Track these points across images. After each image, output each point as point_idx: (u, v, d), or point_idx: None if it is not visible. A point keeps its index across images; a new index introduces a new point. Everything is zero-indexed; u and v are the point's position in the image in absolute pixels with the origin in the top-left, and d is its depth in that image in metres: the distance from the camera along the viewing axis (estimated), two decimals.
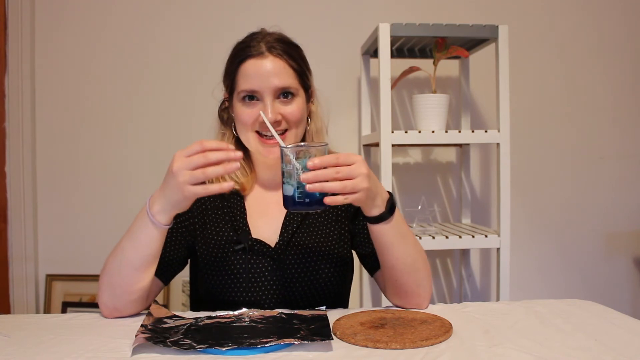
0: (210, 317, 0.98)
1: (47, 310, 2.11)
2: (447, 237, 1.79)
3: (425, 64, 1.96)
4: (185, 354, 0.80)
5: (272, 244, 1.12)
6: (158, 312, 0.98)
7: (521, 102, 2.22)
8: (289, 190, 0.90)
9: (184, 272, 1.19)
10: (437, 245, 1.79)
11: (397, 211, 1.01)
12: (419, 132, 1.80)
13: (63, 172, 2.16)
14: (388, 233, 1.00)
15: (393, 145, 1.78)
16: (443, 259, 2.28)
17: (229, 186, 0.90)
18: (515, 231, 2.06)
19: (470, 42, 1.94)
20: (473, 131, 1.81)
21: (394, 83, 1.89)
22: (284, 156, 0.90)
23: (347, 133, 2.23)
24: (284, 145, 0.93)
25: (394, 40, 1.89)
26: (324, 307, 1.02)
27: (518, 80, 2.18)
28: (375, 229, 1.00)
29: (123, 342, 0.86)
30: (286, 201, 0.92)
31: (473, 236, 1.80)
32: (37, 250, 2.16)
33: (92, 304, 2.08)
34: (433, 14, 2.14)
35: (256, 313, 0.99)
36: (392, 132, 1.76)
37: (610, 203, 2.33)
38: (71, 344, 0.86)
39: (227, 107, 1.18)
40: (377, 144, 1.84)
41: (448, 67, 2.19)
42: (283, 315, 0.98)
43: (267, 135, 1.09)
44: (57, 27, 2.15)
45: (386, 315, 0.99)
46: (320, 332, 0.86)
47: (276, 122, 1.08)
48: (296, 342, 0.82)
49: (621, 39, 2.32)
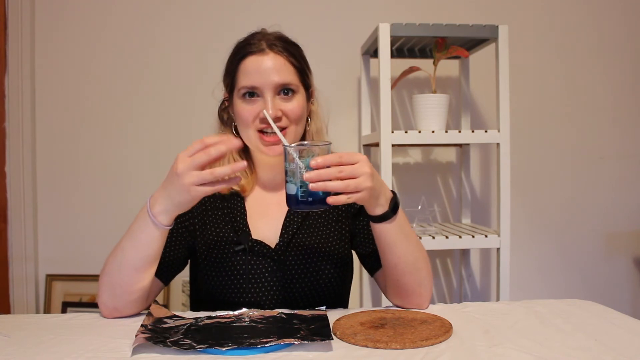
0: (210, 317, 0.98)
1: (47, 310, 2.11)
2: (447, 237, 1.79)
3: (425, 64, 1.96)
4: (185, 354, 0.80)
5: (273, 245, 1.12)
6: (158, 312, 0.98)
7: (521, 102, 2.22)
8: (292, 189, 0.90)
9: (184, 272, 1.19)
10: (437, 245, 1.79)
11: (401, 210, 1.01)
12: (419, 132, 1.80)
13: (63, 172, 2.16)
14: (391, 232, 1.00)
15: (393, 145, 1.78)
16: (443, 259, 2.28)
17: (237, 181, 0.91)
18: (515, 231, 2.06)
19: (470, 42, 1.94)
20: (473, 131, 1.81)
21: (394, 83, 1.89)
22: (288, 155, 0.90)
23: (347, 133, 2.23)
24: (288, 144, 0.92)
25: (394, 40, 1.89)
26: (324, 307, 1.02)
27: (518, 80, 2.18)
28: (378, 228, 1.00)
29: (123, 342, 0.86)
30: (289, 200, 0.91)
31: (473, 236, 1.80)
32: (37, 250, 2.16)
33: (92, 304, 2.08)
34: (433, 14, 2.14)
35: (256, 313, 0.99)
36: (392, 132, 1.76)
37: (610, 203, 2.33)
38: (71, 344, 0.86)
39: (227, 107, 1.18)
40: (377, 144, 1.84)
41: (448, 67, 2.19)
42: (283, 315, 0.98)
43: (268, 132, 1.08)
44: (57, 27, 2.15)
45: (386, 315, 0.99)
46: (320, 332, 0.86)
47: (276, 119, 1.07)
48: (296, 342, 0.82)
49: (621, 39, 2.32)
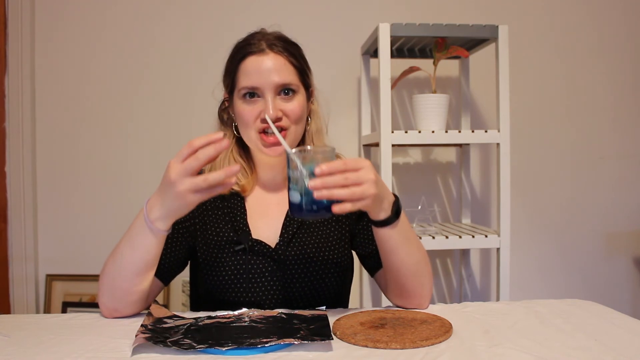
0: (210, 317, 0.98)
1: (47, 310, 2.11)
2: (447, 237, 1.79)
3: (425, 64, 1.96)
4: (185, 354, 0.80)
5: (273, 245, 1.12)
6: (158, 312, 0.98)
7: (521, 102, 2.22)
8: (296, 197, 0.87)
9: (184, 272, 1.19)
10: (437, 245, 1.79)
11: (403, 214, 1.00)
12: (419, 132, 1.80)
13: (63, 172, 2.16)
14: (393, 236, 0.99)
15: (393, 145, 1.78)
16: (443, 259, 2.28)
17: (232, 183, 0.89)
18: (515, 231, 2.06)
19: (470, 42, 1.94)
20: (473, 131, 1.81)
21: (394, 83, 1.89)
22: (291, 162, 0.88)
23: (347, 133, 2.23)
24: (291, 150, 0.90)
25: (394, 40, 1.89)
26: (324, 307, 1.02)
27: (518, 80, 2.18)
28: (380, 233, 0.99)
29: (123, 342, 0.86)
30: (292, 208, 0.89)
31: (473, 236, 1.80)
32: (37, 250, 2.16)
33: (92, 304, 2.08)
34: (433, 14, 2.14)
35: (256, 313, 0.99)
36: (392, 132, 1.76)
37: (610, 203, 2.33)
38: (71, 344, 0.86)
39: (227, 107, 1.18)
40: (377, 144, 1.84)
41: (448, 67, 2.19)
42: (283, 315, 0.98)
43: (269, 132, 1.08)
44: (57, 27, 2.15)
45: (386, 315, 0.99)
46: (320, 332, 0.86)
47: (277, 119, 1.07)
48: (296, 342, 0.82)
49: (621, 39, 2.32)
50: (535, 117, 2.29)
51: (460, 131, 1.81)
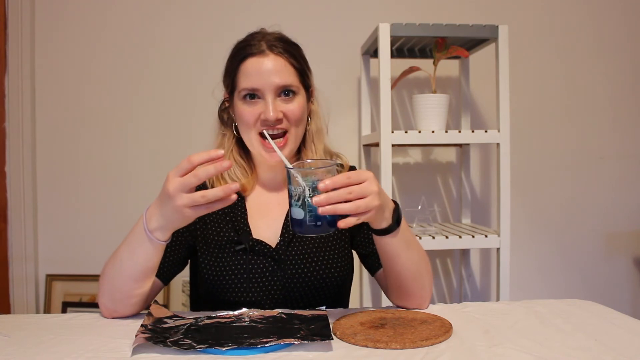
0: (210, 317, 0.98)
1: (47, 310, 2.11)
2: (447, 237, 1.79)
3: (425, 64, 1.96)
4: (185, 354, 0.80)
5: (273, 245, 1.12)
6: (158, 312, 0.98)
7: (521, 102, 2.22)
8: (299, 213, 0.85)
9: (184, 272, 1.19)
10: (437, 245, 1.79)
11: (403, 220, 1.00)
12: (419, 132, 1.80)
13: (63, 172, 2.16)
14: (394, 243, 0.99)
15: (393, 145, 1.78)
16: (443, 259, 2.28)
17: (233, 200, 0.88)
18: (515, 231, 2.06)
19: (470, 42, 1.94)
20: (473, 131, 1.81)
21: (394, 83, 1.89)
22: (292, 178, 0.85)
23: (347, 133, 2.23)
24: (291, 166, 0.88)
25: (394, 40, 1.89)
26: (324, 307, 1.02)
27: (518, 80, 2.18)
28: (382, 241, 0.99)
29: (123, 342, 0.86)
30: (295, 225, 0.87)
31: (473, 236, 1.80)
32: (37, 250, 2.16)
33: (92, 304, 2.08)
34: (433, 14, 2.14)
35: (256, 313, 0.99)
36: (392, 132, 1.76)
37: (610, 203, 2.33)
38: (71, 344, 0.86)
39: (227, 108, 1.18)
40: (377, 144, 1.84)
41: (448, 67, 2.19)
42: (283, 315, 0.98)
43: (268, 132, 1.08)
44: (57, 27, 2.15)
45: (386, 315, 0.99)
46: (320, 332, 0.86)
47: (277, 120, 1.07)
48: (296, 342, 0.82)
49: (621, 39, 2.32)
50: (535, 117, 2.29)
51: (460, 131, 1.81)
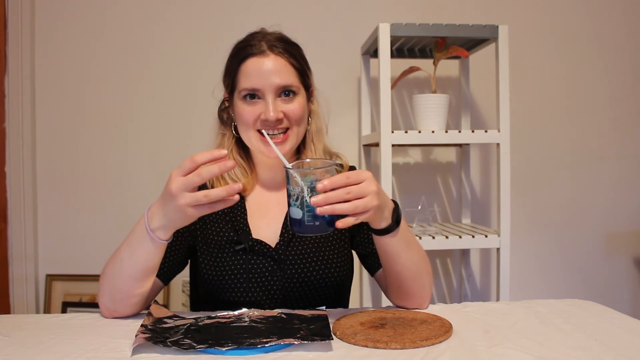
0: (210, 317, 0.98)
1: (47, 310, 2.11)
2: (447, 237, 1.79)
3: (425, 64, 1.96)
4: (185, 354, 0.80)
5: (273, 244, 1.12)
6: (158, 312, 0.98)
7: (521, 102, 2.22)
8: (297, 213, 0.86)
9: (184, 272, 1.19)
10: (437, 245, 1.79)
11: (403, 220, 1.00)
12: (419, 132, 1.80)
13: (63, 172, 2.16)
14: (394, 243, 0.99)
15: (393, 145, 1.78)
16: (443, 259, 2.28)
17: (235, 200, 0.88)
18: (515, 231, 2.06)
19: (470, 42, 1.94)
20: (473, 131, 1.81)
21: (394, 83, 1.89)
22: (290, 178, 0.86)
23: (347, 133, 2.23)
24: (290, 165, 0.88)
25: (394, 40, 1.89)
26: (324, 307, 1.02)
27: (518, 80, 2.18)
28: (381, 241, 0.99)
29: (123, 342, 0.86)
30: (293, 224, 0.88)
31: (473, 236, 1.80)
32: (37, 250, 2.16)
33: (92, 304, 2.08)
34: (433, 14, 2.14)
35: (256, 313, 0.99)
36: (392, 132, 1.76)
37: (610, 203, 2.33)
38: (71, 344, 0.86)
39: (227, 107, 1.18)
40: (377, 144, 1.84)
41: (448, 67, 2.19)
42: (283, 315, 0.98)
43: (269, 132, 1.08)
44: (57, 27, 2.15)
45: (386, 315, 0.99)
46: (320, 332, 0.86)
47: (278, 120, 1.07)
48: (296, 342, 0.82)
49: (621, 39, 2.32)
50: (535, 117, 2.29)
51: (460, 131, 1.81)
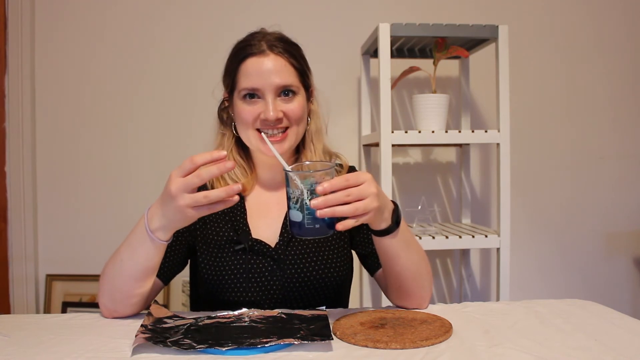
0: (210, 317, 0.98)
1: (47, 310, 2.11)
2: (447, 237, 1.79)
3: (425, 64, 1.96)
4: (185, 354, 0.80)
5: (272, 244, 1.12)
6: (158, 312, 0.98)
7: (521, 102, 2.22)
8: (297, 216, 0.86)
9: (184, 272, 1.19)
10: (437, 245, 1.79)
11: (403, 221, 1.00)
12: (419, 132, 1.80)
13: (63, 172, 2.16)
14: (394, 244, 0.99)
15: (393, 145, 1.78)
16: (443, 259, 2.28)
17: (235, 201, 0.88)
18: (515, 231, 2.06)
19: (470, 42, 1.94)
20: (473, 131, 1.81)
21: (394, 83, 1.89)
22: (290, 180, 0.86)
23: (347, 133, 2.23)
24: (288, 168, 0.88)
25: (394, 40, 1.89)
26: (324, 307, 1.02)
27: (518, 80, 2.18)
28: (381, 242, 0.99)
29: (123, 342, 0.86)
30: (293, 227, 0.88)
31: (473, 236, 1.80)
32: (37, 250, 2.16)
33: (92, 304, 2.08)
34: (433, 14, 2.14)
35: (256, 313, 0.99)
36: (392, 132, 1.76)
37: (610, 203, 2.33)
38: (71, 344, 0.86)
39: (227, 107, 1.18)
40: (377, 144, 1.84)
41: (448, 67, 2.19)
42: (283, 315, 0.98)
43: (268, 132, 1.08)
44: (57, 27, 2.15)
45: (386, 315, 0.99)
46: (320, 332, 0.86)
47: (277, 120, 1.08)
48: (296, 342, 0.82)
49: (621, 39, 2.32)
50: (535, 117, 2.29)
51: (460, 131, 1.81)
